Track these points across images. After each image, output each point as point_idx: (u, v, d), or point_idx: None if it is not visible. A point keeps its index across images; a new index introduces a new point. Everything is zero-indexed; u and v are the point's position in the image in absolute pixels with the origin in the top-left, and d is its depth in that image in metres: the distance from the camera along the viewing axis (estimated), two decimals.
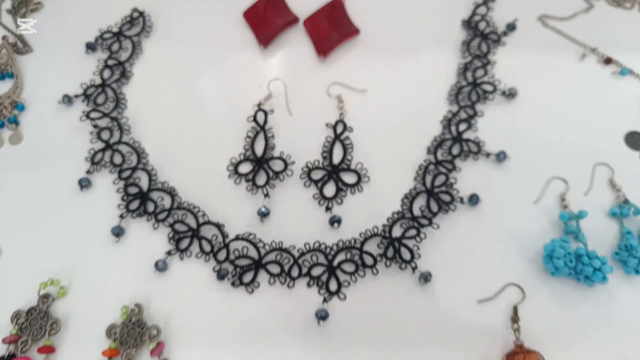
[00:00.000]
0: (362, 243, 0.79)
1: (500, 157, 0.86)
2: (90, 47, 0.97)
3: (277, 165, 0.86)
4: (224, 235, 0.79)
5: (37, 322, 0.73)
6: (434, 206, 0.82)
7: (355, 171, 0.85)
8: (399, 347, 0.72)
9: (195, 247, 0.79)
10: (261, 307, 0.75)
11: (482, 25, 1.00)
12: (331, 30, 0.97)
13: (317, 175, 0.85)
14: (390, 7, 1.04)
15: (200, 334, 0.73)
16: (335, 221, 0.80)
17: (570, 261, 0.75)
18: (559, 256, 0.74)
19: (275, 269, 0.77)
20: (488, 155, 0.86)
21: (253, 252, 0.78)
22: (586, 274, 0.74)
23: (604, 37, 0.99)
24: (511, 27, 0.99)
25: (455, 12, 1.03)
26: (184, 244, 0.79)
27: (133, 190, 0.83)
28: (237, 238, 0.79)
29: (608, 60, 0.96)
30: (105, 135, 0.88)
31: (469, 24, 1.00)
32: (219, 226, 0.80)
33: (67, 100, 0.91)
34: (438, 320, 0.74)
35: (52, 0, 1.04)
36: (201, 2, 1.04)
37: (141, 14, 1.01)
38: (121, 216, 0.81)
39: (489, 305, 0.75)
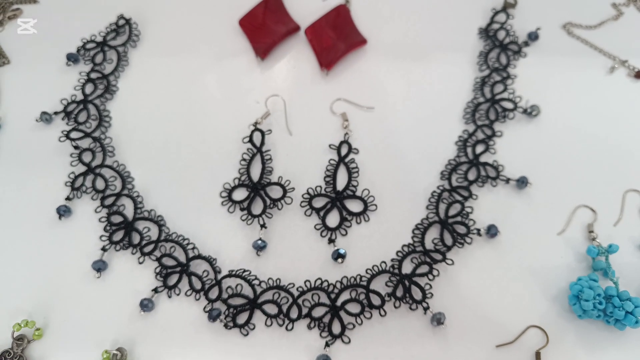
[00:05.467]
0: (369, 281, 0.76)
1: (521, 183, 0.83)
2: (72, 58, 0.94)
3: (275, 192, 0.83)
4: (216, 271, 0.78)
5: None
6: (448, 239, 0.80)
7: (361, 198, 0.83)
8: None
9: (184, 284, 0.77)
10: (257, 352, 0.73)
11: (501, 34, 0.97)
12: (335, 40, 0.94)
13: (319, 202, 0.83)
14: (400, 14, 1.01)
15: None
16: (339, 256, 0.77)
17: (599, 303, 0.72)
18: (587, 298, 0.72)
19: (272, 309, 0.75)
20: (508, 181, 0.84)
21: (248, 290, 0.76)
22: (617, 317, 0.72)
23: (635, 48, 0.96)
24: (533, 36, 0.96)
25: (471, 20, 1.00)
26: (172, 280, 0.77)
27: (117, 219, 0.81)
28: (230, 274, 0.77)
29: (639, 74, 0.92)
30: (86, 157, 0.86)
31: (487, 32, 0.97)
32: (210, 261, 0.78)
33: (46, 118, 0.88)
34: None
35: (31, 6, 1.01)
36: (193, 9, 1.01)
37: (127, 21, 0.98)
38: (103, 249, 0.79)
39: (509, 351, 0.73)
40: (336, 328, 0.74)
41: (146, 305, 0.74)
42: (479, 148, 0.87)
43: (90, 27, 0.98)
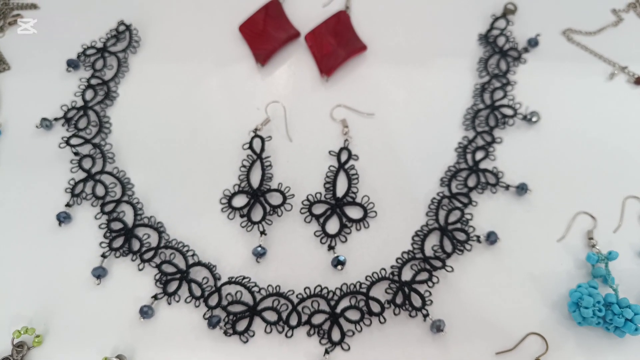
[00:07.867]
0: (369, 288, 0.76)
1: (521, 189, 0.83)
2: (72, 64, 0.94)
3: (275, 199, 0.83)
4: (216, 278, 0.78)
5: None
6: (447, 245, 0.80)
7: (361, 205, 0.83)
8: None
9: (184, 291, 0.77)
10: (256, 359, 0.73)
11: (501, 40, 0.97)
12: (335, 46, 0.94)
13: (318, 209, 0.83)
14: (400, 20, 1.00)
15: None
16: (338, 263, 0.77)
17: (599, 310, 0.72)
18: (587, 305, 0.72)
19: (272, 316, 0.75)
20: (507, 187, 0.84)
21: (247, 297, 0.76)
22: (617, 324, 0.72)
23: (635, 54, 0.96)
24: (533, 42, 0.96)
25: (471, 26, 0.99)
26: (171, 287, 0.77)
27: (117, 225, 0.81)
28: (230, 281, 0.77)
29: (639, 80, 0.92)
30: (86, 163, 0.86)
31: (487, 39, 0.97)
32: (210, 268, 0.78)
33: (46, 124, 0.88)
34: None
35: (31, 12, 1.01)
36: (193, 15, 1.01)
37: (128, 27, 0.98)
38: (103, 255, 0.79)
39: (509, 358, 0.73)
40: (336, 335, 0.74)
41: (146, 312, 0.74)
42: (479, 154, 0.86)
43: (90, 33, 0.97)
